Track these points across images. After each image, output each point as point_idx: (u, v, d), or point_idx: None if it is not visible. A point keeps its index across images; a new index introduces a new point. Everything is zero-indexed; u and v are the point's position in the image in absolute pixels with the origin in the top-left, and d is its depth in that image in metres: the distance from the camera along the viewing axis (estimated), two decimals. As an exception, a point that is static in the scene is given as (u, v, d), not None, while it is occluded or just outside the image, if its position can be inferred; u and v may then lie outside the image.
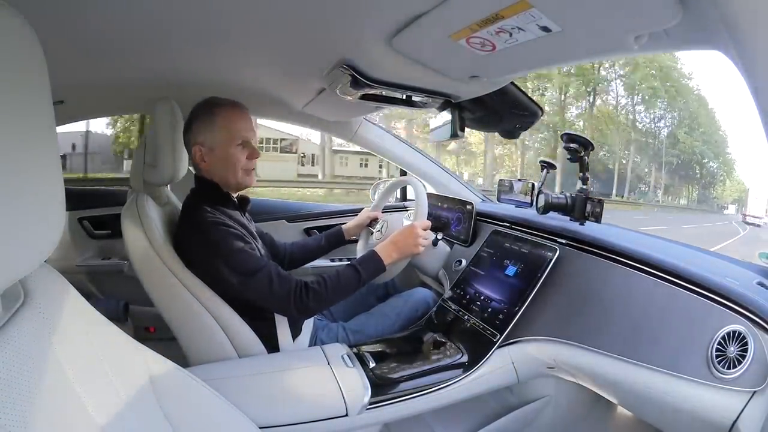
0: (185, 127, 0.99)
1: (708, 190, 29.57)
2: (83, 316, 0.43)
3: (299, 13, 0.66)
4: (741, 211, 25.66)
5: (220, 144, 0.96)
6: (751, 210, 21.23)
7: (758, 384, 0.64)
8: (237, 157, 0.97)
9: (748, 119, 30.81)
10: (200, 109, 0.97)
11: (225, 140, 0.96)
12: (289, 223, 1.71)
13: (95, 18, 0.70)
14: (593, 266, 0.97)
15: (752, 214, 20.69)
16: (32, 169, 0.32)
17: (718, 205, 29.62)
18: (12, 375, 0.31)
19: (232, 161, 0.97)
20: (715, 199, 30.00)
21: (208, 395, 0.57)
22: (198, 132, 0.96)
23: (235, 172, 0.98)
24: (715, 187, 29.75)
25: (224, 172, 0.98)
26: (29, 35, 0.31)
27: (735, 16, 0.38)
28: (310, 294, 0.92)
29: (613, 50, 0.63)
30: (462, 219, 1.44)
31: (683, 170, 27.32)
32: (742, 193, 28.93)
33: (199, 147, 0.96)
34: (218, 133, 0.95)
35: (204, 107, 0.97)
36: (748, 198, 22.98)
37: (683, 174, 27.48)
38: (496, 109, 1.10)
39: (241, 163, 0.98)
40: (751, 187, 23.71)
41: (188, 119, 0.98)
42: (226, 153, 0.96)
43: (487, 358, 0.98)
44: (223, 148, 0.96)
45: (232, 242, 0.91)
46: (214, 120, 0.95)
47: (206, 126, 0.95)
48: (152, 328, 1.62)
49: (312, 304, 0.93)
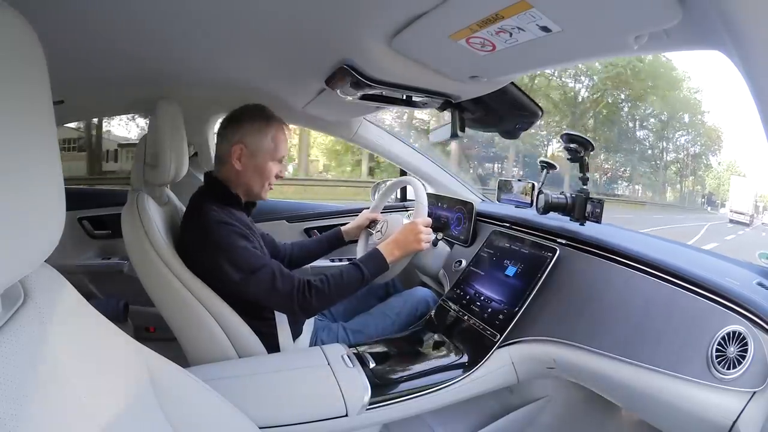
0: (230, 120, 1.00)
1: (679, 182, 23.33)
2: (83, 316, 0.43)
3: (299, 13, 0.66)
4: (710, 204, 22.61)
5: (264, 152, 0.99)
6: (735, 205, 17.65)
7: (758, 384, 0.64)
8: (272, 170, 1.01)
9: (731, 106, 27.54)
10: (254, 112, 0.99)
11: (270, 151, 0.99)
12: (289, 224, 1.71)
13: (95, 18, 0.70)
14: (593, 266, 0.97)
15: (737, 210, 17.30)
16: (32, 169, 0.32)
17: (704, 202, 23.88)
18: (12, 375, 0.31)
19: (266, 173, 1.00)
20: (686, 194, 23.52)
21: (208, 395, 0.57)
22: (248, 132, 0.97)
23: (263, 184, 1.01)
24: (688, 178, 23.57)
25: (254, 179, 1.00)
26: (29, 35, 0.31)
27: (735, 16, 0.38)
28: (312, 292, 0.93)
29: (613, 50, 0.63)
30: (462, 219, 1.44)
31: (632, 154, 21.19)
32: (721, 184, 23.43)
33: (242, 147, 0.97)
34: (267, 143, 0.98)
35: (260, 113, 1.00)
36: (730, 192, 19.10)
37: (640, 161, 21.45)
38: (496, 109, 1.10)
39: (271, 177, 1.01)
40: (734, 180, 19.47)
41: (236, 117, 0.99)
42: (265, 163, 0.99)
43: (487, 358, 0.98)
44: (265, 157, 0.99)
45: (235, 240, 0.92)
46: (269, 129, 0.98)
47: (258, 131, 0.98)
48: (152, 328, 1.62)
49: (315, 302, 0.93)
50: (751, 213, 16.99)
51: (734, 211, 17.52)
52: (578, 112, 19.91)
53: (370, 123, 1.56)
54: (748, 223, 16.43)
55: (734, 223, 16.43)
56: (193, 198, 1.01)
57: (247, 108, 1.00)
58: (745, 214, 16.89)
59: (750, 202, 17.34)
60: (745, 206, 17.28)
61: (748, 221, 16.51)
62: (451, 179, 1.69)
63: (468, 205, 1.43)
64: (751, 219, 16.61)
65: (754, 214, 17.04)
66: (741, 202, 17.55)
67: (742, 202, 17.54)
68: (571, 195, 1.15)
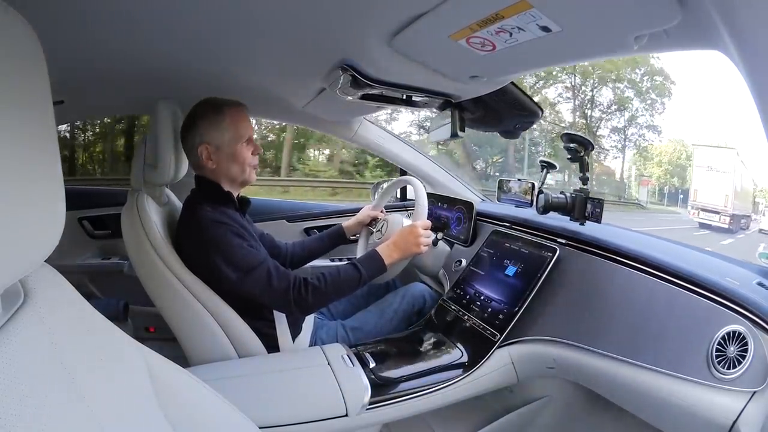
0: (186, 127, 0.99)
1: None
2: (83, 316, 0.43)
3: (299, 13, 0.66)
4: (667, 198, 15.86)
5: (228, 142, 0.97)
6: (703, 198, 11.19)
7: (758, 384, 0.64)
8: (244, 154, 0.99)
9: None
10: (205, 108, 0.98)
11: (233, 138, 0.98)
12: (289, 223, 1.71)
13: (95, 18, 0.70)
14: (593, 266, 0.97)
15: (706, 206, 11.02)
16: (32, 169, 0.32)
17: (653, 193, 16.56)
18: (12, 375, 0.31)
19: (240, 158, 0.99)
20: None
21: (208, 395, 0.57)
22: (205, 131, 0.96)
23: (243, 169, 1.00)
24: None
25: (232, 170, 0.99)
26: (29, 35, 0.31)
27: (735, 16, 0.38)
28: (309, 289, 0.93)
29: (613, 50, 0.63)
30: (462, 219, 1.44)
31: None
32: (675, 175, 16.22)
33: (206, 146, 0.97)
34: (226, 132, 0.97)
35: (210, 107, 0.98)
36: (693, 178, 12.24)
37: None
38: (496, 109, 1.10)
39: (247, 159, 1.00)
40: (699, 157, 12.11)
41: (189, 119, 0.98)
42: (234, 150, 0.98)
43: (487, 358, 0.98)
44: (231, 146, 0.98)
45: (230, 238, 0.92)
46: (222, 119, 0.97)
47: (213, 125, 0.96)
48: (152, 328, 1.62)
49: (311, 299, 0.93)
50: (730, 211, 10.74)
51: (702, 208, 11.23)
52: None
53: (370, 123, 1.56)
54: (729, 226, 10.61)
55: (706, 227, 10.88)
56: (187, 200, 1.01)
57: (196, 106, 0.99)
58: (721, 213, 10.79)
59: (728, 194, 10.86)
60: (718, 200, 10.97)
61: (728, 224, 10.62)
62: (451, 179, 1.69)
63: (468, 204, 1.43)
64: (731, 221, 10.69)
65: (734, 213, 10.85)
66: (712, 195, 11.06)
67: (713, 194, 11.04)
68: (571, 195, 1.15)
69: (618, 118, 15.87)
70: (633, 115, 15.78)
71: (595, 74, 15.02)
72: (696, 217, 11.39)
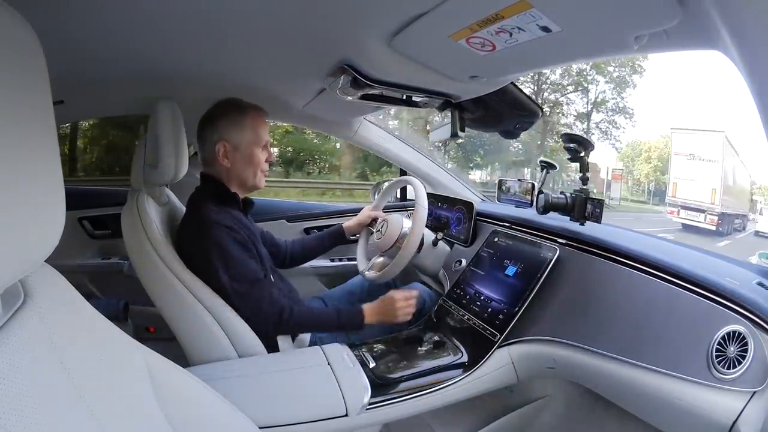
0: (205, 122, 1.00)
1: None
2: (83, 316, 0.43)
3: (299, 13, 0.66)
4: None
5: (247, 143, 0.99)
6: (685, 194, 9.18)
7: (758, 384, 0.64)
8: (259, 157, 1.01)
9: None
10: (228, 107, 0.99)
11: (252, 141, 0.99)
12: (289, 223, 1.71)
13: (95, 18, 0.70)
14: (593, 266, 0.97)
15: (688, 203, 9.06)
16: (32, 169, 0.32)
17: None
18: (12, 375, 0.31)
19: (254, 162, 1.01)
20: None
21: (208, 395, 0.57)
22: (224, 129, 0.98)
23: (255, 173, 1.02)
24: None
25: (245, 171, 1.00)
26: (29, 35, 0.31)
27: (735, 16, 0.38)
28: (293, 321, 0.98)
29: (613, 50, 0.63)
30: (462, 219, 1.44)
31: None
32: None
33: (224, 143, 0.98)
34: (247, 134, 0.98)
35: (233, 106, 0.99)
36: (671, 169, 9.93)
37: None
38: (496, 109, 1.10)
39: (261, 164, 1.02)
40: (677, 142, 9.87)
41: (210, 116, 0.99)
42: (251, 152, 1.00)
43: (487, 358, 0.98)
44: (250, 147, 0.99)
45: (232, 247, 0.93)
46: (244, 120, 0.98)
47: (234, 125, 0.98)
48: (152, 328, 1.62)
49: (291, 329, 1.01)
50: (718, 209, 8.80)
51: (683, 205, 9.24)
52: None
53: (370, 123, 1.56)
54: (717, 227, 8.83)
55: (689, 229, 9.01)
56: (191, 198, 1.02)
57: (219, 104, 1.00)
58: (707, 211, 8.85)
59: (715, 188, 8.92)
60: (703, 195, 8.92)
61: (715, 224, 8.81)
62: (451, 179, 1.69)
63: (468, 204, 1.43)
64: (720, 221, 8.89)
65: (724, 212, 8.95)
66: (695, 189, 9.05)
67: (697, 188, 9.04)
68: (571, 195, 1.15)
69: (582, 101, 13.69)
70: (601, 99, 13.45)
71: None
72: (676, 216, 9.35)
